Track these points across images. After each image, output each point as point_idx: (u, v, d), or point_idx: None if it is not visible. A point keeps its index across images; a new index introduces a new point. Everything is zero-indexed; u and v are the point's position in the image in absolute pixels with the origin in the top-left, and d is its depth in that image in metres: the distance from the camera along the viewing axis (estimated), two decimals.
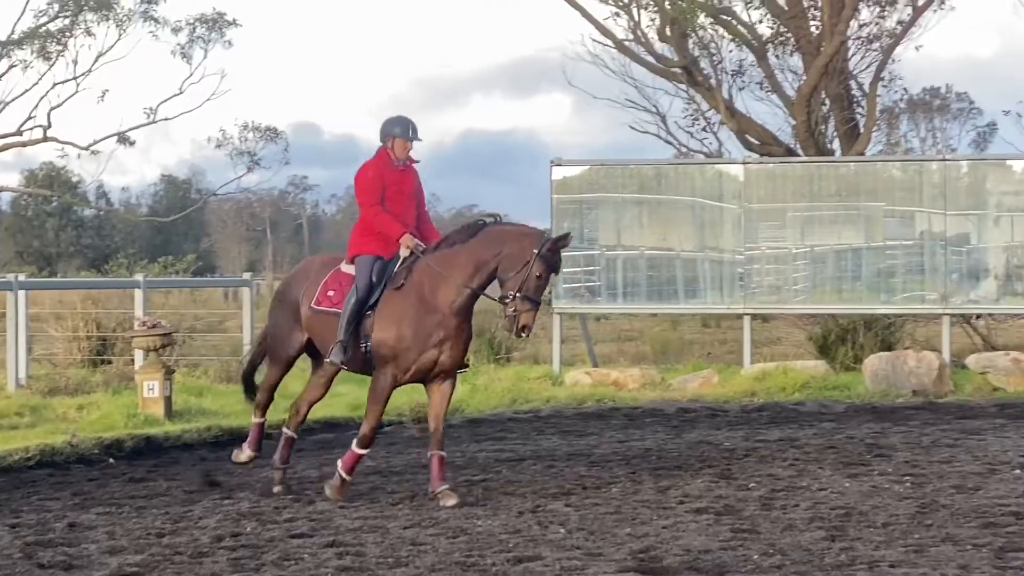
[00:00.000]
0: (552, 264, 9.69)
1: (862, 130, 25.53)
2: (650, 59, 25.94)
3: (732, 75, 26.48)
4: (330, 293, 10.03)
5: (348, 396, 14.90)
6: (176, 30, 31.78)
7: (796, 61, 26.22)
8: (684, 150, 26.81)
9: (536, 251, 9.63)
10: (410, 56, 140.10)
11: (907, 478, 10.81)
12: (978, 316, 20.52)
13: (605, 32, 25.65)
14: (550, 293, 16.08)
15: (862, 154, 24.37)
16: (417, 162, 10.39)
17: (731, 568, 7.68)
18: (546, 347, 19.93)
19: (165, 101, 32.00)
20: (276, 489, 10.15)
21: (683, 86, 26.16)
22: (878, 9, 26.23)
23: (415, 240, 9.96)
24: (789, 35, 25.80)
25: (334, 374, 10.52)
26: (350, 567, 7.73)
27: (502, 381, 17.73)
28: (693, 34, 25.16)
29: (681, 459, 12.15)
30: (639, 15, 25.67)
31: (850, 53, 26.11)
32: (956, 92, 55.25)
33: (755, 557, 7.95)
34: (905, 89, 31.04)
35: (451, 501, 9.53)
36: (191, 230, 71.18)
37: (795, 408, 16.18)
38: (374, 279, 9.94)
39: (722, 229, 19.00)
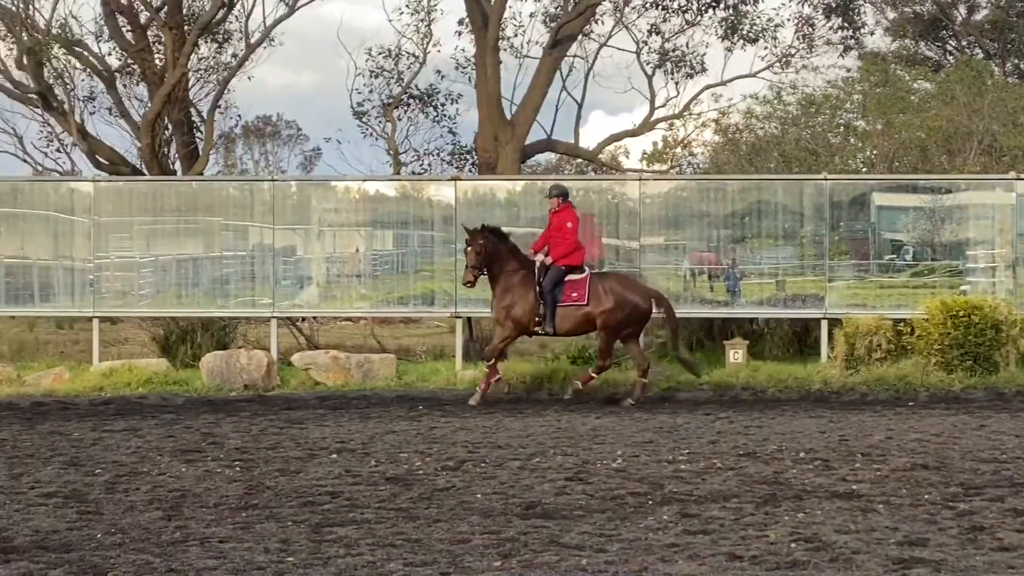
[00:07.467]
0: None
1: (201, 152, 27.77)
2: (8, 85, 27.20)
3: (84, 101, 28.24)
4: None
5: None
6: None
7: (142, 90, 28.31)
8: (40, 168, 28.10)
9: None
10: None
11: (237, 463, 11.76)
12: (303, 319, 22.63)
13: None
14: None
15: (201, 174, 26.66)
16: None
17: (76, 546, 8.34)
18: None
19: None
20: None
21: (39, 110, 27.53)
22: (215, 45, 28.81)
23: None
24: (135, 66, 27.92)
25: None
26: None
27: None
28: (48, 63, 26.51)
29: (34, 448, 12.96)
30: None
31: (191, 83, 28.36)
32: (286, 120, 59.89)
33: (98, 536, 8.64)
34: (240, 116, 33.29)
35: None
36: None
37: (139, 401, 17.41)
38: None
39: (74, 240, 20.53)
